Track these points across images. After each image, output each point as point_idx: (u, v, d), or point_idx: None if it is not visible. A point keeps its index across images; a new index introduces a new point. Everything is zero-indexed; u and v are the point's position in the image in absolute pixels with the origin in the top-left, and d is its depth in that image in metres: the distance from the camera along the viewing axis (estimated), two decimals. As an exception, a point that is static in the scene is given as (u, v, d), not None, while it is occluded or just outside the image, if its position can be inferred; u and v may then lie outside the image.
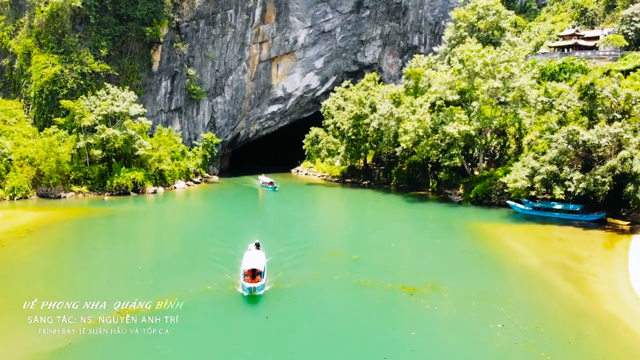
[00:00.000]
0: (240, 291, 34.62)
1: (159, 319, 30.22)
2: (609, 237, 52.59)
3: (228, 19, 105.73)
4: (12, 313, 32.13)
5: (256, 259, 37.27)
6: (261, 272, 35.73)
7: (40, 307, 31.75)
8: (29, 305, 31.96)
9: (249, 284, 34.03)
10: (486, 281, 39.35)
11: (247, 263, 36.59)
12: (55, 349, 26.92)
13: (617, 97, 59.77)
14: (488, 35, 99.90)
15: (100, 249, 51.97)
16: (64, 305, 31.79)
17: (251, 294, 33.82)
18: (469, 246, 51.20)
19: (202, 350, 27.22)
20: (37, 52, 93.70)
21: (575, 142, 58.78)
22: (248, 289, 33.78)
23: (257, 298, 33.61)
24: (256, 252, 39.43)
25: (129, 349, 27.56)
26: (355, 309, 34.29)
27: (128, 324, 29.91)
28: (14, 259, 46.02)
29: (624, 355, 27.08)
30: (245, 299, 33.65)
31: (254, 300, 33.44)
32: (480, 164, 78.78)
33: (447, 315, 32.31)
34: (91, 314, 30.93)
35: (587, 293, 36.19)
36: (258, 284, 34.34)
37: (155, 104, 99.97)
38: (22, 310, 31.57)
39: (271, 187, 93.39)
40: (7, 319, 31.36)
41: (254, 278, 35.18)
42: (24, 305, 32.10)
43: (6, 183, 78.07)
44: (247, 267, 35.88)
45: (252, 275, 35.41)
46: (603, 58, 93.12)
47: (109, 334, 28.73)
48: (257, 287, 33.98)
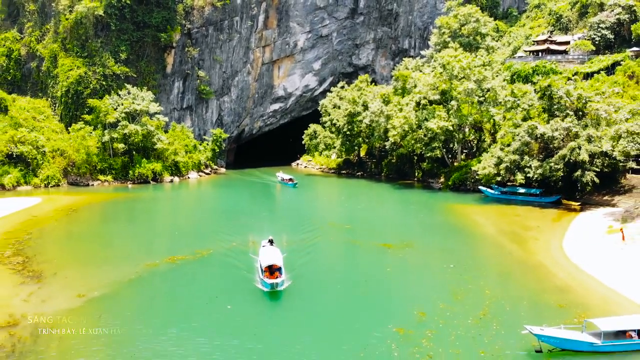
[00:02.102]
0: (260, 287, 35.07)
1: (198, 262, 40.97)
2: (559, 214, 63.33)
3: (234, 25, 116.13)
4: (93, 260, 42.91)
5: (274, 255, 37.65)
6: (280, 267, 36.32)
7: (111, 256, 42.46)
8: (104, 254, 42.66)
9: (270, 280, 34.31)
10: (449, 242, 50.12)
11: (265, 259, 36.72)
12: (129, 279, 37.66)
13: (571, 96, 70.46)
14: (470, 41, 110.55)
15: (139, 221, 62.87)
16: (128, 256, 42.49)
17: (272, 289, 34.02)
18: (441, 220, 62.03)
19: (229, 276, 37.87)
20: (62, 55, 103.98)
21: (534, 135, 69.48)
22: (270, 285, 34.03)
23: (278, 294, 34.00)
24: (272, 248, 40.12)
25: (178, 277, 38.36)
26: (346, 257, 45.20)
27: (177, 265, 40.71)
28: (71, 228, 56.70)
29: (539, 283, 37.66)
30: (266, 295, 34.05)
31: (275, 296, 33.84)
32: (458, 156, 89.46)
33: (414, 260, 43.17)
34: (150, 260, 41.71)
35: (526, 250, 46.94)
36: (279, 279, 34.66)
37: (169, 103, 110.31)
38: (100, 259, 42.31)
39: (291, 183, 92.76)
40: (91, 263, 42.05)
41: (272, 274, 35.60)
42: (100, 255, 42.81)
43: (41, 172, 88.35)
44: (266, 264, 36.02)
45: (271, 272, 35.80)
46: (572, 61, 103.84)
47: (165, 270, 39.63)
48: (279, 283, 34.32)
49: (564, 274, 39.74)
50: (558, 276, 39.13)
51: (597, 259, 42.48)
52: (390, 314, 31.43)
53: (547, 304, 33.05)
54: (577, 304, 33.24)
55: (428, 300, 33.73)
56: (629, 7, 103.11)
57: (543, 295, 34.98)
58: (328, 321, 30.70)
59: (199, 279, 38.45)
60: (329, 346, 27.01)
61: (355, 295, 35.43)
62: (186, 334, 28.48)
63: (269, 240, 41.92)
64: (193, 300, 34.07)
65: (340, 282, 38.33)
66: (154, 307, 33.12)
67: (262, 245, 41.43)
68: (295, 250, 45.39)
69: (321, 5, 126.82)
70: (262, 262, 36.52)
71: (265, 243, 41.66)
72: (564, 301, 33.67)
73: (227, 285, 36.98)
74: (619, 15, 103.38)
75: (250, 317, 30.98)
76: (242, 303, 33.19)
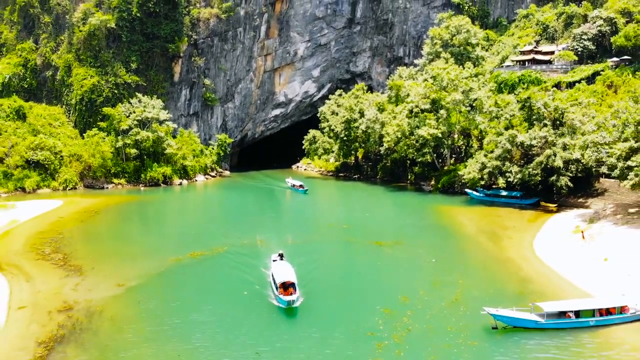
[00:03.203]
0: (276, 303, 36.24)
1: (215, 257, 47.66)
2: (535, 215, 69.98)
3: (238, 36, 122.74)
4: (123, 255, 49.66)
5: (287, 271, 38.71)
6: (293, 283, 37.22)
7: (138, 252, 49.11)
8: (132, 251, 49.33)
9: (286, 297, 35.28)
10: (434, 240, 56.87)
11: (279, 276, 37.62)
12: (159, 271, 44.43)
13: (548, 107, 77.17)
14: (460, 51, 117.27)
15: (157, 221, 69.87)
16: (154, 252, 49.15)
17: (288, 306, 34.98)
18: (429, 220, 68.79)
19: (244, 269, 44.57)
20: (76, 65, 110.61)
21: (515, 143, 76.19)
22: (286, 302, 34.94)
23: (294, 310, 35.15)
24: (284, 263, 41.37)
25: (200, 270, 45.12)
26: (344, 253, 51.89)
27: (198, 260, 47.48)
28: (97, 228, 63.38)
29: (506, 275, 44.28)
30: (282, 311, 35.26)
31: (291, 313, 34.96)
32: (448, 160, 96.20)
33: (402, 256, 49.97)
34: (174, 255, 48.45)
35: (500, 247, 53.67)
36: (293, 296, 35.68)
37: (177, 110, 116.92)
38: (129, 255, 49.00)
39: (301, 190, 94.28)
40: (122, 259, 48.73)
41: (286, 290, 36.58)
42: (128, 251, 49.47)
43: (59, 176, 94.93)
44: (281, 280, 36.91)
45: (285, 287, 36.76)
46: (556, 71, 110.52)
47: (188, 264, 46.41)
48: (294, 300, 35.29)
49: (529, 267, 46.47)
50: (523, 269, 45.84)
51: (559, 255, 49.19)
52: (379, 298, 38.10)
53: (510, 292, 39.69)
54: (535, 291, 39.86)
55: (411, 288, 40.46)
56: (610, 20, 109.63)
57: (508, 284, 41.68)
58: (326, 302, 37.37)
59: (218, 271, 45.16)
60: (329, 318, 33.68)
61: (351, 284, 42.21)
62: (210, 313, 35.22)
63: (279, 254, 43.47)
64: (215, 287, 40.81)
65: (338, 273, 45.09)
66: (183, 293, 39.80)
67: (273, 259, 43.16)
68: (299, 248, 52.14)
69: (320, 16, 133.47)
70: (276, 279, 37.50)
71: (276, 257, 43.21)
72: (524, 289, 40.31)
73: (242, 276, 43.61)
74: (600, 27, 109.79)
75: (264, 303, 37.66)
76: (256, 291, 39.89)
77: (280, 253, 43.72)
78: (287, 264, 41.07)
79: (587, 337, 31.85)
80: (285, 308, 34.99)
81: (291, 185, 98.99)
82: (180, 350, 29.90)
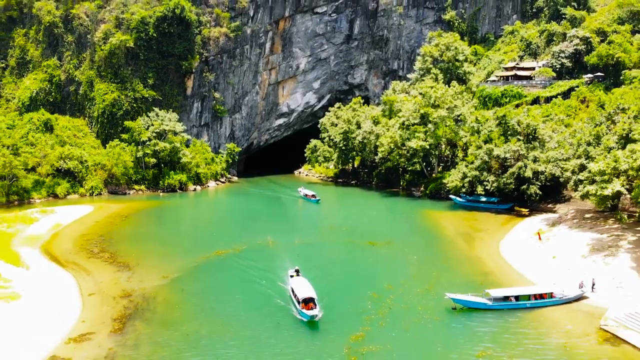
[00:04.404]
0: (299, 317, 41.02)
1: (238, 254, 58.53)
2: (508, 219, 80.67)
3: (245, 52, 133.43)
4: (160, 253, 60.51)
5: (307, 288, 43.52)
6: (314, 298, 41.74)
7: (172, 251, 59.91)
8: (166, 250, 60.15)
9: (309, 312, 39.95)
10: (418, 240, 67.72)
11: (301, 292, 42.35)
12: (194, 265, 55.40)
13: (522, 124, 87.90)
14: (449, 67, 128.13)
15: (181, 224, 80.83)
16: (186, 250, 59.96)
17: (311, 320, 39.70)
18: (416, 223, 79.68)
19: (261, 263, 55.32)
20: (98, 81, 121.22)
21: (492, 155, 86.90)
22: (309, 317, 39.70)
23: (316, 324, 39.86)
24: (302, 279, 46.10)
25: (225, 265, 55.91)
26: (342, 251, 62.75)
27: (224, 257, 58.36)
28: (131, 230, 74.16)
29: (472, 269, 54.95)
30: (305, 323, 40.11)
31: (313, 325, 39.73)
32: (435, 168, 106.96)
33: (390, 253, 60.90)
34: (203, 253, 59.35)
35: (471, 246, 64.41)
36: (315, 311, 40.24)
37: (189, 121, 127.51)
38: (165, 253, 59.85)
39: (314, 200, 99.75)
40: (161, 256, 59.52)
41: (307, 304, 41.18)
42: (163, 250, 60.31)
43: (86, 183, 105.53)
44: (303, 296, 41.53)
45: (306, 302, 41.34)
46: (535, 86, 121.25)
47: (216, 260, 57.31)
48: (317, 315, 39.95)
49: (492, 263, 57.28)
50: (487, 265, 56.66)
51: (519, 254, 59.97)
52: (370, 286, 48.88)
53: (473, 282, 50.28)
54: (493, 282, 50.54)
55: (395, 278, 51.24)
56: (585, 39, 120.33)
57: (473, 277, 52.38)
58: (329, 287, 48.07)
59: (241, 265, 55.80)
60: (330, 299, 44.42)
61: (348, 275, 53.08)
62: (238, 297, 46.05)
63: (296, 270, 48.46)
64: (240, 277, 51.64)
65: (338, 267, 55.88)
66: (215, 282, 50.68)
67: (290, 275, 48.29)
68: (306, 248, 63.04)
69: (320, 33, 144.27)
70: (299, 295, 42.10)
71: (293, 273, 48.16)
72: (485, 280, 50.98)
73: (261, 270, 54.33)
74: (576, 46, 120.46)
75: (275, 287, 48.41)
76: (271, 279, 50.66)
77: (296, 269, 48.96)
78: (305, 280, 45.92)
79: (523, 315, 42.65)
80: (306, 321, 40.02)
81: (303, 194, 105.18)
82: (220, 322, 40.70)
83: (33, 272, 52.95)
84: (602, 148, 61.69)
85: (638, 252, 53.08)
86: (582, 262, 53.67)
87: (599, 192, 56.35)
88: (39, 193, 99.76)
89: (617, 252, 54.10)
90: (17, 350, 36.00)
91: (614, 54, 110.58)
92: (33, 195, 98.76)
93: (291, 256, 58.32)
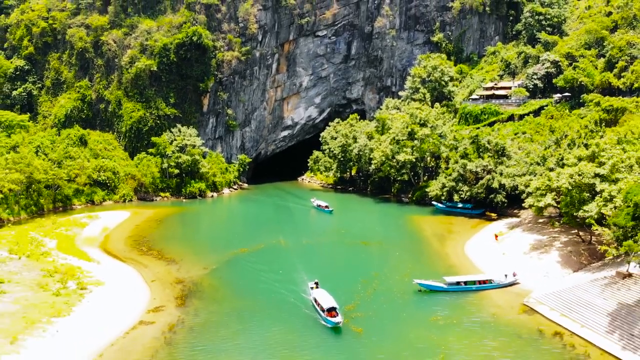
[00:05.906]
0: (324, 323, 49.63)
1: (258, 252, 75.29)
2: (478, 223, 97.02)
3: (254, 73, 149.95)
4: (196, 251, 77.11)
5: (329, 298, 52.02)
6: (336, 308, 50.43)
7: (204, 249, 76.61)
8: (199, 248, 76.85)
9: (334, 320, 48.70)
10: (402, 240, 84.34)
11: (324, 302, 50.90)
12: (226, 260, 72.17)
13: (491, 143, 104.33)
14: (435, 86, 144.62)
15: (207, 226, 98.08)
16: (215, 248, 76.66)
17: (335, 326, 48.50)
18: (402, 225, 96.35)
19: (278, 259, 71.72)
20: (125, 100, 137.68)
21: (466, 169, 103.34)
22: (334, 323, 48.41)
23: (339, 329, 48.79)
24: (323, 291, 54.52)
25: (248, 261, 72.41)
26: (341, 249, 79.42)
27: (247, 254, 75.03)
28: (167, 232, 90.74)
29: (440, 263, 71.33)
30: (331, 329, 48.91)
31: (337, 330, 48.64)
32: (421, 178, 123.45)
33: (379, 251, 77.76)
34: (230, 250, 76.05)
35: (443, 245, 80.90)
36: (339, 318, 49.16)
37: (205, 134, 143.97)
38: (199, 250, 76.55)
39: (327, 210, 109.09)
40: (197, 253, 76.00)
41: (330, 312, 49.73)
42: (197, 248, 77.03)
43: (118, 191, 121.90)
44: (328, 306, 50.07)
45: (330, 311, 49.81)
46: (511, 104, 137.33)
47: (241, 256, 73.99)
48: (341, 322, 48.76)
49: (456, 258, 73.85)
50: (452, 260, 73.25)
51: (478, 251, 76.43)
52: (361, 274, 65.41)
53: (438, 273, 66.48)
54: (454, 272, 66.73)
55: (380, 269, 67.87)
56: (555, 62, 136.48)
57: (438, 268, 68.78)
58: (330, 276, 64.41)
59: (262, 260, 72.25)
60: (331, 284, 60.74)
61: (345, 267, 69.78)
62: (264, 284, 62.64)
63: (315, 282, 57.97)
64: (263, 269, 68.13)
65: (337, 261, 72.51)
66: (245, 272, 67.19)
67: (310, 287, 57.88)
68: (311, 247, 79.65)
69: (321, 53, 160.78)
70: (323, 305, 50.77)
71: (312, 285, 57.68)
72: (448, 271, 67.20)
73: (279, 264, 70.78)
74: (547, 69, 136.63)
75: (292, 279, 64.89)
76: (287, 269, 67.07)
77: (315, 282, 58.35)
78: (325, 292, 54.48)
79: (470, 295, 59.19)
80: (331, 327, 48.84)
81: (317, 205, 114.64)
82: (251, 299, 57.26)
83: (104, 266, 69.24)
84: (544, 168, 78.20)
85: (564, 250, 69.66)
86: (523, 258, 70.22)
87: (536, 204, 72.79)
88: (79, 200, 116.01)
89: (550, 250, 70.69)
90: (116, 317, 52.35)
91: (578, 77, 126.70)
92: (74, 202, 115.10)
93: (300, 254, 74.89)
